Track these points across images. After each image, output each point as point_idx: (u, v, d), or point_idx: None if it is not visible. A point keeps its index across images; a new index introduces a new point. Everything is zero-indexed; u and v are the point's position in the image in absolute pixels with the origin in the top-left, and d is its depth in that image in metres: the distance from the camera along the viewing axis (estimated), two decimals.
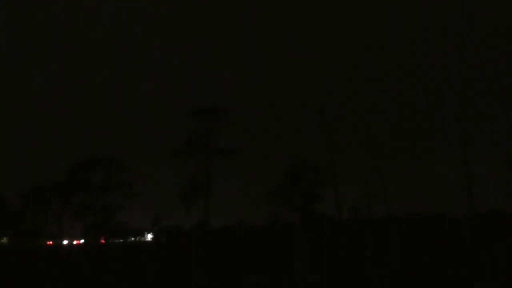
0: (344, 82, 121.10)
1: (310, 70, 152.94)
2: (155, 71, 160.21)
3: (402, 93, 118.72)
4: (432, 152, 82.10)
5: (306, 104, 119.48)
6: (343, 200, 60.30)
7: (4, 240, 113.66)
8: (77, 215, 75.79)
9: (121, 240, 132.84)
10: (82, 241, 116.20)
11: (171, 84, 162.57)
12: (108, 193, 75.41)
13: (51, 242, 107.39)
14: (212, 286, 11.53)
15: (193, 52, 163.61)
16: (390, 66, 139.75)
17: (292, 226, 59.11)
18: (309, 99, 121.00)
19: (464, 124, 57.24)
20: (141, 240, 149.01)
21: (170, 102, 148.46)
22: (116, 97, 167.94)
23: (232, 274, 14.54)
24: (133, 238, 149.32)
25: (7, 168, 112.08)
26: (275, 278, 12.94)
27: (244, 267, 16.67)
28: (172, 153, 62.98)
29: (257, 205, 68.57)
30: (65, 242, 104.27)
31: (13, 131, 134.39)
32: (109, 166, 75.75)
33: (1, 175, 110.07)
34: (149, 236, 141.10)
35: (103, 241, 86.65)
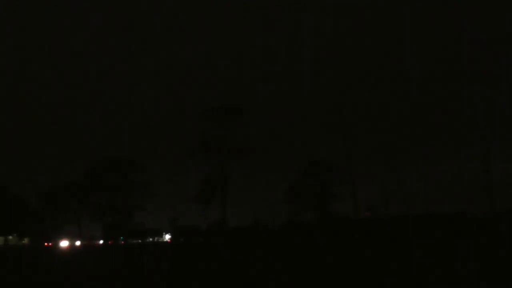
0: (361, 81, 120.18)
1: (326, 69, 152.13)
2: (173, 71, 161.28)
3: (422, 91, 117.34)
4: (452, 151, 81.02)
5: (323, 103, 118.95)
6: (360, 199, 59.84)
7: (26, 241, 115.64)
8: (95, 216, 76.60)
9: (139, 241, 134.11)
10: (101, 241, 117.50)
11: (188, 85, 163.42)
12: (126, 194, 76.02)
13: (50, 244, 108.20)
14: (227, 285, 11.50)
15: (210, 53, 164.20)
16: (408, 65, 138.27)
17: (309, 226, 58.92)
18: (326, 98, 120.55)
19: (485, 122, 56.23)
20: (159, 240, 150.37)
21: (187, 102, 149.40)
22: (133, 99, 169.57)
23: (247, 273, 14.51)
24: (151, 239, 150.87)
25: (26, 169, 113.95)
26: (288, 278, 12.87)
27: (260, 267, 16.61)
28: (189, 153, 63.07)
29: (275, 205, 68.47)
30: (65, 243, 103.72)
31: (31, 133, 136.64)
32: (126, 167, 76.35)
33: (20, 176, 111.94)
34: (167, 236, 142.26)
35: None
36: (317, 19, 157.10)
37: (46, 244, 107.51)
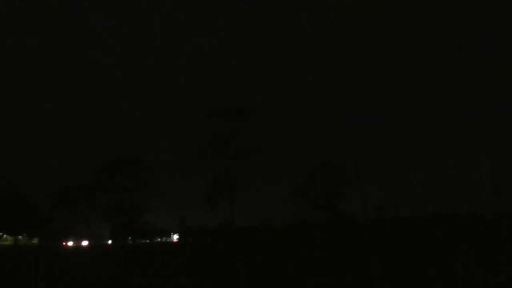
0: (369, 82, 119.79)
1: (334, 70, 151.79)
2: (181, 72, 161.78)
3: (429, 93, 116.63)
4: (460, 151, 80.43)
5: (331, 104, 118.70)
6: (369, 199, 59.50)
7: (35, 241, 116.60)
8: (104, 216, 76.79)
9: (148, 241, 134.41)
10: (109, 241, 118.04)
11: (192, 85, 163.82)
12: (134, 194, 76.05)
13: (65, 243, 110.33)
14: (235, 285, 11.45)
15: (210, 53, 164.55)
16: (413, 65, 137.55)
17: (316, 226, 58.66)
18: (334, 99, 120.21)
19: (493, 124, 55.73)
20: (167, 240, 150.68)
21: (195, 103, 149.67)
22: (141, 99, 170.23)
23: (255, 274, 14.46)
24: (159, 239, 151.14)
25: (34, 169, 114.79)
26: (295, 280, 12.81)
27: (267, 268, 16.56)
28: (197, 153, 63.01)
29: (282, 204, 68.26)
30: (70, 243, 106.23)
31: (40, 133, 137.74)
32: (135, 167, 76.35)
33: (29, 176, 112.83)
34: (175, 237, 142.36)
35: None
36: (317, 19, 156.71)
37: (64, 244, 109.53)
